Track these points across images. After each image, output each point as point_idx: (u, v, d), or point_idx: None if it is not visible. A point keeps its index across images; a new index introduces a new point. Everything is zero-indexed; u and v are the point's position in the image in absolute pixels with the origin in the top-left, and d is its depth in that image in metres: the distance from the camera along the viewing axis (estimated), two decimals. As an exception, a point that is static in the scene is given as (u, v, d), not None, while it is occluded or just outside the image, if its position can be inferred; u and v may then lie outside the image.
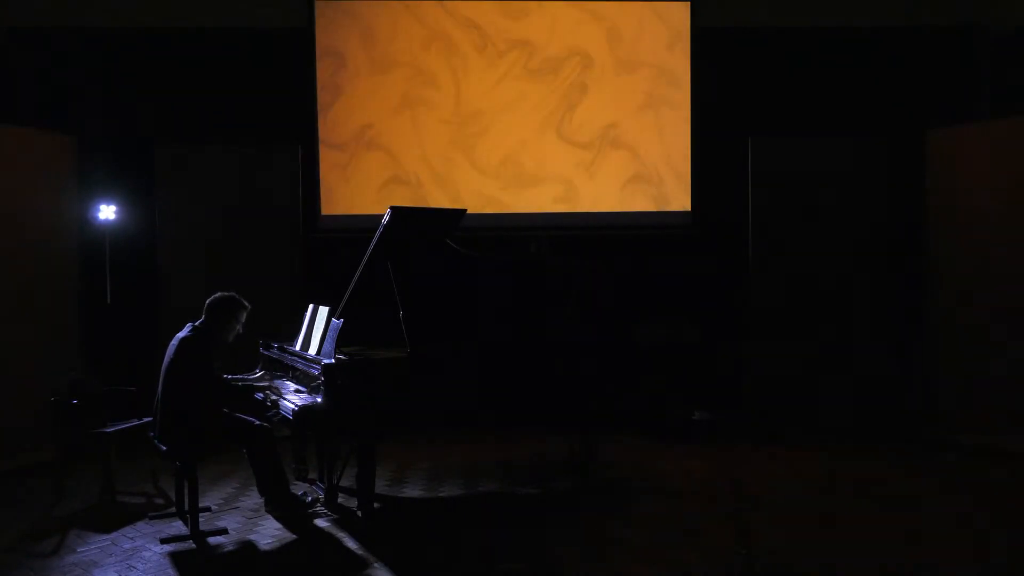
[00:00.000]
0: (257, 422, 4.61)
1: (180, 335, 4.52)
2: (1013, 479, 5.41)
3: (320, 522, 4.57)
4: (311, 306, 5.10)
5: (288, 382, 4.97)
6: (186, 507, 4.42)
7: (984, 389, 6.11)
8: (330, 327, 4.72)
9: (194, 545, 4.27)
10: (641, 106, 7.14)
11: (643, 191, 7.18)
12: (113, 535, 4.42)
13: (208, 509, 4.75)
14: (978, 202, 6.18)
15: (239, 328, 4.65)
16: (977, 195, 6.19)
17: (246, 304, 4.64)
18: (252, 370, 5.29)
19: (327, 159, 7.05)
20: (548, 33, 7.09)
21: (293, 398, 4.61)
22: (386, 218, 4.62)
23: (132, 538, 4.38)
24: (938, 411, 6.37)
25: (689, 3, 7.12)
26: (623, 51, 7.12)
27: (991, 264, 6.10)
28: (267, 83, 6.98)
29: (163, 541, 4.30)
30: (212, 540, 4.33)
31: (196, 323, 4.56)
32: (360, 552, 4.15)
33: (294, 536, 4.40)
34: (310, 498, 4.81)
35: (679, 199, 7.19)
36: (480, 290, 5.09)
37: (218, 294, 4.62)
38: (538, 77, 7.10)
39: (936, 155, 6.44)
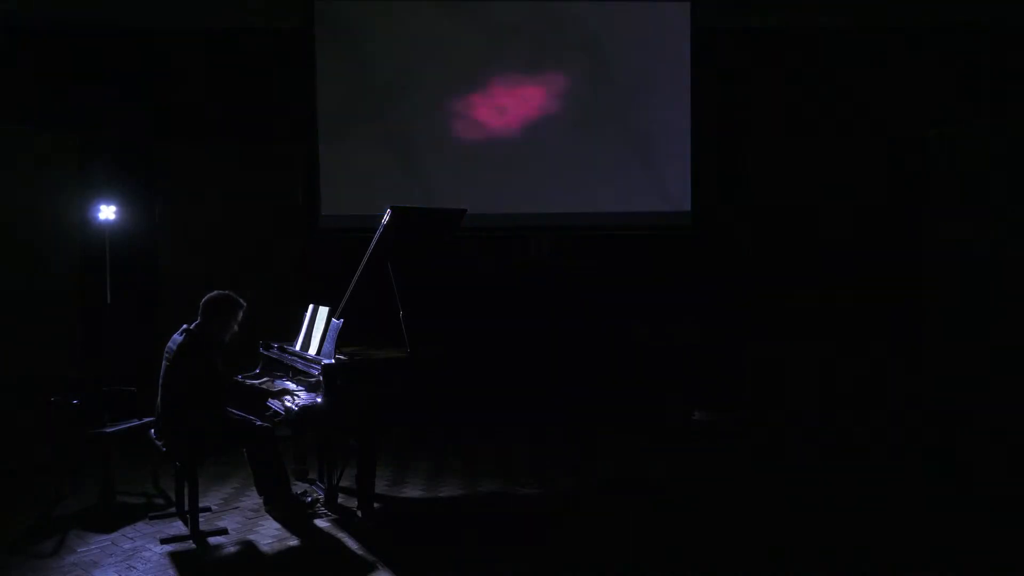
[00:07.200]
0: (257, 422, 4.61)
1: (176, 338, 4.48)
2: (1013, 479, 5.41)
3: (320, 522, 4.57)
4: (311, 306, 5.10)
5: (288, 382, 4.96)
6: (186, 507, 4.42)
7: (984, 389, 6.11)
8: (330, 327, 4.72)
9: (194, 545, 4.27)
10: (641, 106, 7.13)
11: (643, 191, 7.17)
12: (113, 535, 4.42)
13: (208, 509, 4.75)
14: (978, 201, 6.18)
15: (235, 327, 4.61)
16: (976, 195, 6.19)
17: (242, 302, 4.60)
18: (253, 370, 5.29)
19: (327, 159, 7.04)
20: (549, 31, 7.08)
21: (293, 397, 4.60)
22: (386, 218, 4.62)
23: (132, 538, 4.37)
24: (938, 412, 6.37)
25: (689, 3, 7.12)
26: (623, 51, 7.12)
27: (991, 264, 6.10)
28: (267, 83, 6.98)
29: (163, 541, 4.30)
30: (212, 540, 4.33)
31: (190, 325, 4.51)
32: (360, 552, 4.15)
33: (294, 536, 4.40)
34: (310, 498, 4.81)
35: (679, 199, 7.19)
36: (480, 290, 5.09)
37: (213, 293, 4.57)
38: (538, 76, 7.10)
39: (936, 155, 6.44)
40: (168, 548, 4.22)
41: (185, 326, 4.52)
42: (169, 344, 4.50)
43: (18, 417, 5.75)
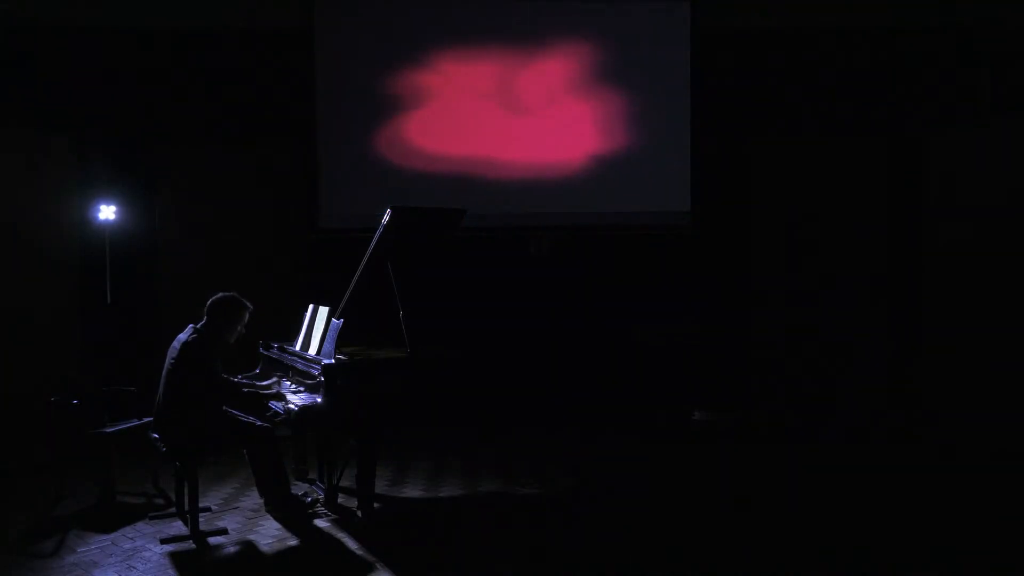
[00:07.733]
0: (258, 422, 4.61)
1: (181, 337, 4.49)
2: (1010, 478, 5.41)
3: (320, 522, 4.57)
4: (311, 306, 5.10)
5: (288, 382, 4.97)
6: (186, 507, 4.42)
7: (980, 389, 6.11)
8: (330, 327, 4.72)
9: (194, 545, 4.27)
10: (641, 106, 7.12)
11: (643, 191, 7.16)
12: (113, 535, 4.42)
13: (208, 509, 4.75)
14: (977, 202, 6.18)
15: (241, 329, 4.63)
16: (976, 195, 6.19)
17: (248, 305, 4.62)
18: (253, 370, 5.29)
19: (327, 159, 7.04)
20: (550, 32, 7.08)
21: (293, 398, 4.60)
22: (386, 218, 4.62)
23: (132, 538, 4.38)
24: (936, 412, 6.37)
25: (689, 3, 7.12)
26: (623, 51, 7.11)
27: (989, 264, 6.10)
28: (267, 83, 6.96)
29: (163, 541, 4.30)
30: (212, 540, 4.33)
31: (197, 325, 4.53)
32: (360, 552, 4.15)
33: (294, 536, 4.40)
34: (310, 498, 4.81)
35: (679, 199, 7.17)
36: (480, 290, 5.09)
37: (220, 295, 4.59)
38: (539, 75, 7.10)
39: (935, 156, 6.44)
40: (168, 548, 4.22)
41: (192, 326, 4.53)
42: (174, 343, 4.51)
43: (18, 417, 5.75)
